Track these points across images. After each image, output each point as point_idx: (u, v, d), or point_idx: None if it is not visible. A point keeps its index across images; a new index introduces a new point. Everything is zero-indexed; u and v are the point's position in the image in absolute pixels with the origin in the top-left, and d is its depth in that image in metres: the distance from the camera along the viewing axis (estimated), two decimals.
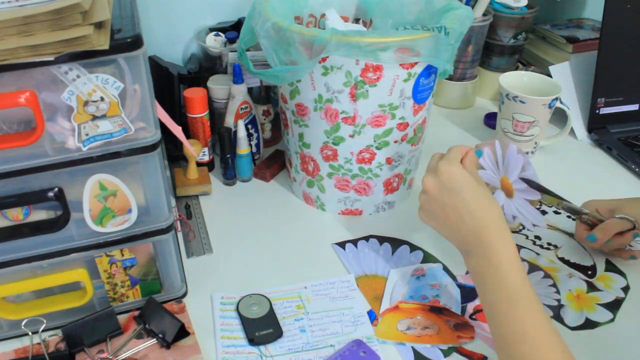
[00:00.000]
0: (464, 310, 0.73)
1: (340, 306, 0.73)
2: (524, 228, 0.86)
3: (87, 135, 0.58)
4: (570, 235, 0.85)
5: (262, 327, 0.69)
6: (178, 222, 0.81)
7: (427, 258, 0.81)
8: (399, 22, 0.89)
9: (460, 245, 0.65)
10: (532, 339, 0.55)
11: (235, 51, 0.92)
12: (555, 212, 0.89)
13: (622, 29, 1.05)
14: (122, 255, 0.67)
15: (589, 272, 0.78)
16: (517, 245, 0.82)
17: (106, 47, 0.53)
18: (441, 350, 0.67)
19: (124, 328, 0.69)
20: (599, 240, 0.76)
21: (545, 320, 0.56)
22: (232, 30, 1.04)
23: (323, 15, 0.90)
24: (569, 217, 0.87)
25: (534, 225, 0.68)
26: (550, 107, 0.97)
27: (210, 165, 0.98)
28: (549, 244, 0.83)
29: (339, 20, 0.88)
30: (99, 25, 0.54)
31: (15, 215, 0.61)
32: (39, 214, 0.62)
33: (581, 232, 0.79)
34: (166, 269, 0.71)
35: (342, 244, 0.83)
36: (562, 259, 0.80)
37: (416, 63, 0.75)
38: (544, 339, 0.55)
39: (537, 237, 0.85)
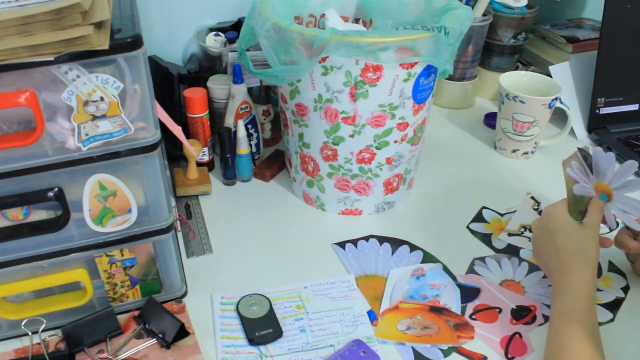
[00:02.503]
0: (464, 310, 0.73)
1: (340, 306, 0.73)
2: (525, 230, 0.86)
3: (87, 135, 0.58)
4: None
5: (262, 327, 0.69)
6: (178, 222, 0.81)
7: (427, 258, 0.81)
8: (399, 22, 0.89)
9: (551, 280, 0.68)
10: None
11: (235, 51, 0.92)
12: None
13: (622, 29, 1.05)
14: (122, 255, 0.67)
15: None
16: (516, 245, 0.83)
17: (106, 47, 0.53)
18: (441, 350, 0.67)
19: (124, 328, 0.69)
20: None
21: (594, 354, 0.58)
22: (232, 30, 1.04)
23: (323, 15, 0.90)
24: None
25: None
26: (550, 107, 0.97)
27: (210, 165, 0.98)
28: None
29: (339, 20, 0.88)
30: (98, 25, 0.54)
31: (15, 215, 0.61)
32: (39, 214, 0.62)
33: (625, 238, 0.75)
34: (166, 269, 0.71)
35: (342, 244, 0.83)
36: None
37: (416, 63, 0.75)
38: None
39: None
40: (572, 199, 0.69)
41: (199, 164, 0.95)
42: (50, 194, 0.60)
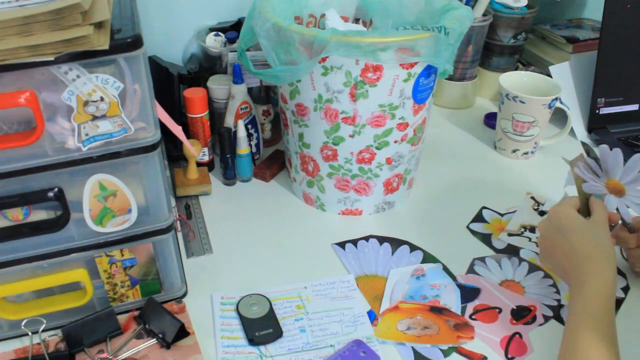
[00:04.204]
0: (464, 310, 0.73)
1: (340, 306, 0.73)
2: (525, 230, 0.86)
3: (87, 135, 0.58)
4: None
5: (262, 327, 0.69)
6: (178, 222, 0.81)
7: (427, 258, 0.81)
8: (399, 22, 0.89)
9: (567, 281, 0.67)
10: None
11: (235, 51, 0.92)
12: None
13: (622, 29, 1.05)
14: (122, 255, 0.67)
15: None
16: (516, 245, 0.83)
17: (106, 47, 0.53)
18: (441, 350, 0.67)
19: (124, 328, 0.69)
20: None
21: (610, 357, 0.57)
22: (232, 30, 1.04)
23: (323, 15, 0.90)
24: None
25: None
26: (550, 107, 0.97)
27: (210, 165, 0.98)
28: None
29: (339, 20, 0.88)
30: (99, 25, 0.54)
31: (15, 215, 0.61)
32: (39, 214, 0.62)
33: (624, 234, 0.75)
34: (166, 269, 0.71)
35: (342, 244, 0.83)
36: None
37: (416, 63, 0.75)
38: None
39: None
40: (583, 197, 0.69)
41: (199, 164, 0.95)
42: (50, 194, 0.60)
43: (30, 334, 0.65)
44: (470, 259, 0.81)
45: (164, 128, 0.65)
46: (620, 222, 0.73)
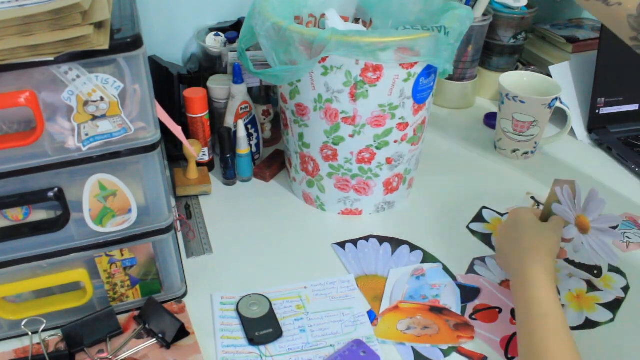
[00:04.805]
0: (464, 310, 0.73)
1: (340, 306, 0.73)
2: None
3: (87, 135, 0.58)
4: None
5: (262, 327, 0.69)
6: (178, 222, 0.81)
7: (427, 258, 0.81)
8: (399, 22, 0.89)
9: (509, 269, 0.70)
10: (552, 355, 0.57)
11: (235, 51, 0.92)
12: None
13: None
14: (122, 255, 0.67)
15: (595, 272, 0.78)
16: None
17: (106, 47, 0.53)
18: (441, 350, 0.67)
19: (124, 328, 0.69)
20: None
21: (569, 342, 0.58)
22: (232, 30, 1.04)
23: (323, 15, 0.90)
24: None
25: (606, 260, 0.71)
26: (550, 107, 0.97)
27: (210, 165, 0.98)
28: None
29: (339, 20, 0.88)
30: (98, 25, 0.54)
31: (15, 215, 0.61)
32: (39, 214, 0.62)
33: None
34: (166, 269, 0.71)
35: (342, 244, 0.83)
36: (566, 260, 0.80)
37: (416, 63, 0.75)
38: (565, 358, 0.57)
39: None
40: (547, 214, 0.73)
41: (199, 164, 0.95)
42: (50, 194, 0.60)
43: (30, 334, 0.65)
44: (470, 259, 0.81)
45: (164, 128, 0.65)
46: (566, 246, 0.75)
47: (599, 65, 1.07)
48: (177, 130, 0.72)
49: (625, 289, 0.76)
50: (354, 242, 0.83)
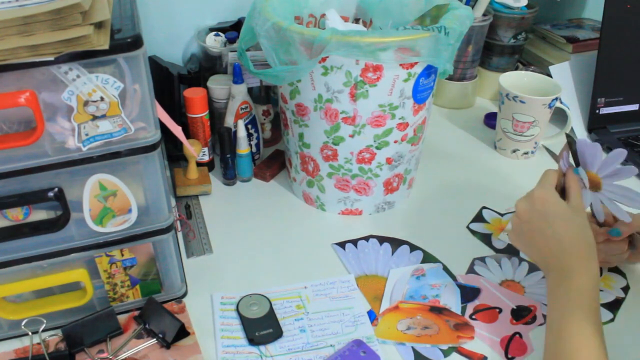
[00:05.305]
0: (464, 310, 0.73)
1: (340, 306, 0.73)
2: None
3: (87, 135, 0.58)
4: None
5: (262, 327, 0.69)
6: (178, 222, 0.81)
7: (427, 258, 0.81)
8: (399, 22, 0.89)
9: (542, 265, 0.67)
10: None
11: (235, 51, 0.92)
12: None
13: (622, 29, 1.05)
14: (122, 255, 0.67)
15: None
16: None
17: (106, 47, 0.53)
18: (441, 350, 0.67)
19: (124, 328, 0.69)
20: (624, 234, 0.73)
21: (600, 348, 0.57)
22: (232, 30, 1.04)
23: (323, 15, 0.90)
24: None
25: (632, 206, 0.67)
26: (550, 107, 0.97)
27: (210, 165, 0.98)
28: None
29: (339, 20, 0.88)
30: (99, 25, 0.54)
31: (15, 215, 0.61)
32: (39, 214, 0.62)
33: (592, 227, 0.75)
34: (166, 269, 0.71)
35: (342, 244, 0.83)
36: None
37: (416, 63, 0.75)
38: None
39: None
40: (560, 175, 0.70)
41: (199, 164, 0.95)
42: (50, 194, 0.60)
43: (30, 334, 0.65)
44: (470, 259, 0.81)
45: (164, 128, 0.65)
46: (592, 216, 0.73)
47: (599, 65, 1.07)
48: (177, 130, 0.72)
49: (625, 289, 0.76)
50: (354, 242, 0.83)
